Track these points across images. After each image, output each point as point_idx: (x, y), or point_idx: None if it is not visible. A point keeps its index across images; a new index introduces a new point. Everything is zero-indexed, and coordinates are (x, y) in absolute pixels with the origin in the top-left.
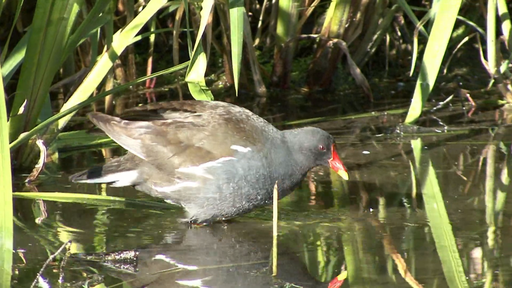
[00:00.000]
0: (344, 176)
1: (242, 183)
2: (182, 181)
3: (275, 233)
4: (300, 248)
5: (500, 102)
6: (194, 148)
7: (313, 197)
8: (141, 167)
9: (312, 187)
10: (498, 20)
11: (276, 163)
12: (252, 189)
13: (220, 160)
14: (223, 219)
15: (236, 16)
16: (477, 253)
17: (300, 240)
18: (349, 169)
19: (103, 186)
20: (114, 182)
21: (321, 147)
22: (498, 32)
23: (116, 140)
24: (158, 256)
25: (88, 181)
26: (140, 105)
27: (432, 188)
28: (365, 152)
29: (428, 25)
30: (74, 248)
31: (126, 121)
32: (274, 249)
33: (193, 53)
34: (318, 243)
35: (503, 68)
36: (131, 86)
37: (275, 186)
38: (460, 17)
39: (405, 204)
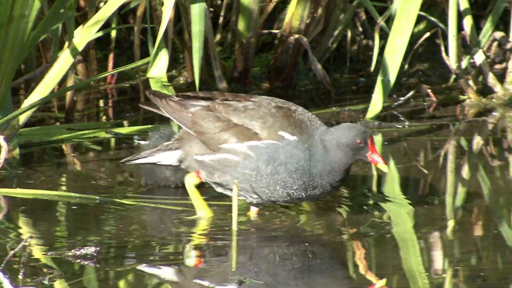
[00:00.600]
0: (384, 169)
1: (280, 168)
2: (223, 153)
3: (234, 228)
4: (261, 244)
5: (461, 97)
6: (242, 127)
7: None
8: (186, 142)
9: None
10: (460, 16)
11: (315, 159)
12: (289, 177)
13: (265, 141)
14: (254, 202)
15: (197, 11)
16: (438, 248)
17: (261, 236)
18: None
19: (62, 182)
20: (161, 161)
21: (359, 141)
22: (460, 28)
23: (170, 115)
24: (119, 252)
25: (137, 161)
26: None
27: (393, 183)
28: None
29: (390, 20)
30: (34, 244)
31: (181, 98)
32: (234, 244)
33: (154, 49)
34: (279, 238)
35: (464, 63)
36: (92, 82)
37: (235, 181)
38: (422, 13)
39: (366, 199)
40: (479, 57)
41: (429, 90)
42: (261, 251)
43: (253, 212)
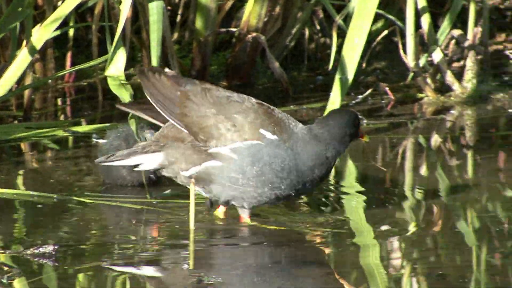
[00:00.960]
0: (367, 139)
1: (266, 169)
2: (206, 162)
3: (192, 227)
4: (219, 242)
5: (419, 95)
6: (224, 118)
7: None
8: (166, 149)
9: None
10: (417, 14)
11: (304, 157)
12: (276, 177)
13: (247, 142)
14: (245, 206)
15: (155, 10)
16: (395, 246)
17: (220, 234)
18: None
19: (20, 181)
20: (139, 164)
21: (357, 123)
22: (417, 26)
23: (151, 97)
24: (77, 250)
25: (114, 163)
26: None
27: (350, 181)
28: None
29: (347, 18)
30: None
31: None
32: (191, 243)
33: (112, 47)
34: (237, 237)
35: (422, 61)
36: (50, 81)
37: (192, 180)
38: (379, 11)
39: (324, 197)
40: (437, 55)
41: (387, 88)
42: (220, 249)
43: (220, 212)
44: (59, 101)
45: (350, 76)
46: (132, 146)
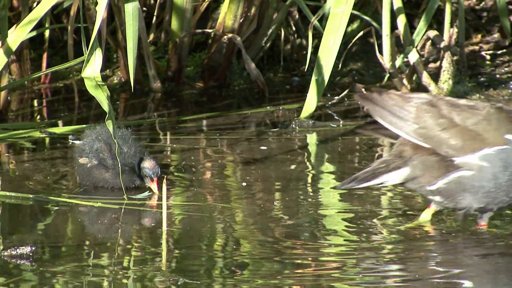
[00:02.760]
0: None
1: None
2: (455, 172)
3: (164, 228)
4: (193, 243)
5: None
6: (466, 129)
7: (207, 190)
8: (411, 164)
9: (207, 180)
10: (393, 15)
11: None
12: None
13: (494, 148)
14: (494, 209)
15: (130, 11)
16: (371, 248)
17: (193, 234)
18: (244, 164)
19: None
20: (384, 182)
21: None
22: (393, 27)
23: (382, 119)
24: (54, 251)
25: (360, 185)
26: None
27: (327, 182)
28: (262, 147)
29: (323, 19)
30: None
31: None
32: (164, 243)
33: (88, 48)
34: (213, 237)
35: (398, 62)
36: (26, 82)
37: (164, 181)
38: (355, 12)
39: (301, 199)
40: (413, 56)
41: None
42: (193, 251)
43: (430, 211)
44: (36, 102)
45: (326, 77)
46: (114, 149)
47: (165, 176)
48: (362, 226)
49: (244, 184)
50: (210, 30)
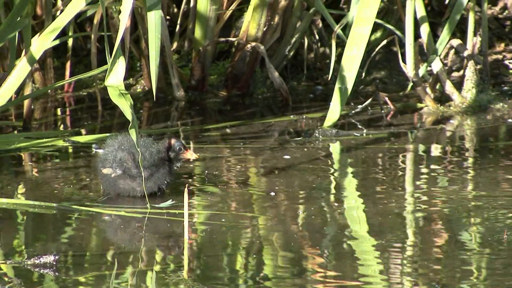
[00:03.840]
0: None
1: None
2: None
3: (186, 236)
4: (216, 251)
5: (419, 105)
6: None
7: (230, 199)
8: None
9: (231, 189)
10: (417, 23)
11: None
12: None
13: None
14: None
15: (154, 20)
16: (396, 256)
17: (216, 243)
18: (268, 173)
19: (20, 191)
20: None
21: None
22: (417, 35)
23: None
24: (78, 260)
25: None
26: None
27: (351, 191)
28: (285, 156)
29: (346, 28)
30: None
31: None
32: (185, 252)
33: (112, 57)
34: (235, 246)
35: (421, 71)
36: (49, 90)
37: (186, 188)
38: (378, 20)
39: (324, 208)
40: (436, 65)
41: (386, 98)
42: (216, 260)
43: None
44: (59, 111)
45: (350, 85)
46: (137, 158)
47: (187, 185)
48: (389, 237)
49: (272, 193)
50: (233, 39)
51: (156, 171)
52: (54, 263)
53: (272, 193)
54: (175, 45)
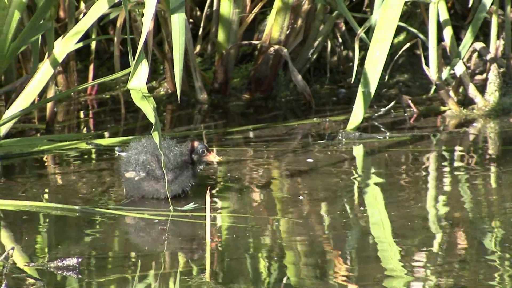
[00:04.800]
0: None
1: None
2: None
3: (208, 239)
4: (239, 254)
5: (442, 108)
6: None
7: (254, 202)
8: None
9: (253, 192)
10: (440, 26)
11: None
12: None
13: None
14: None
15: (177, 23)
16: (419, 259)
17: (239, 246)
18: (291, 175)
19: (43, 194)
20: None
21: None
22: (440, 39)
23: None
24: (101, 263)
25: None
26: None
27: (374, 194)
28: (309, 160)
29: (369, 31)
30: (16, 255)
31: None
32: (208, 255)
33: (134, 60)
34: (258, 249)
35: (444, 74)
36: (72, 93)
37: (208, 191)
38: (402, 24)
39: (347, 210)
40: (459, 68)
41: (409, 101)
42: (239, 263)
43: None
44: (82, 114)
45: (373, 89)
46: (161, 160)
47: (209, 187)
48: (412, 240)
49: (300, 197)
50: (256, 42)
51: (180, 173)
52: (77, 265)
53: (301, 197)
54: (198, 48)
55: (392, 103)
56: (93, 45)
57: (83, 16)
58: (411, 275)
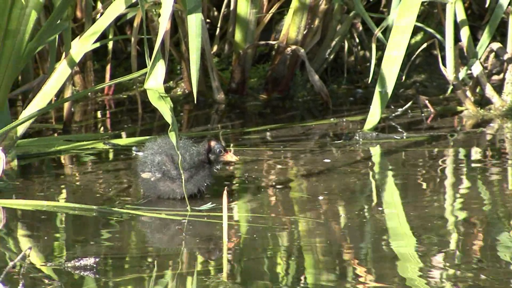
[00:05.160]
0: None
1: None
2: None
3: (225, 239)
4: (256, 254)
5: (459, 108)
6: None
7: (271, 202)
8: None
9: (270, 192)
10: (457, 27)
11: None
12: None
13: None
14: None
15: (194, 23)
16: (437, 260)
17: (257, 246)
18: (308, 175)
19: (61, 194)
20: None
21: None
22: (457, 39)
23: None
24: (118, 263)
25: None
26: None
27: (391, 194)
28: (326, 160)
29: (387, 31)
30: (33, 255)
31: None
32: (225, 255)
33: (151, 60)
34: (276, 249)
35: (461, 74)
36: (89, 93)
37: (225, 191)
38: (419, 24)
39: (364, 210)
40: (476, 68)
41: (426, 101)
42: (256, 263)
43: None
44: (99, 114)
45: (390, 89)
46: (177, 160)
47: (226, 187)
48: (429, 240)
49: (320, 197)
50: (273, 42)
51: (196, 173)
52: (94, 265)
53: (320, 197)
54: (215, 48)
55: (409, 103)
56: (110, 45)
57: (100, 16)
58: (429, 275)
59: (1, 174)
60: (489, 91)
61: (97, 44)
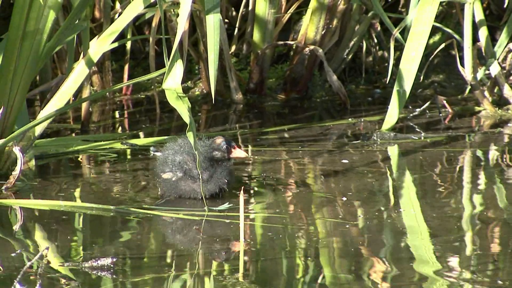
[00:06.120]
0: None
1: None
2: None
3: (242, 239)
4: (274, 255)
5: (477, 108)
6: None
7: (289, 202)
8: None
9: (289, 191)
10: (475, 27)
11: None
12: None
13: None
14: None
15: (212, 23)
16: (454, 260)
17: (274, 246)
18: (326, 175)
19: (78, 194)
20: None
21: None
22: (475, 39)
23: None
24: (136, 263)
25: None
26: None
27: (409, 195)
28: (344, 160)
29: (405, 31)
30: (51, 255)
31: None
32: (241, 255)
33: (169, 60)
34: (293, 249)
35: (480, 75)
36: (107, 93)
37: (241, 191)
38: (437, 24)
39: (382, 211)
40: (494, 68)
41: (444, 102)
42: (274, 263)
43: None
44: (117, 114)
45: (408, 89)
46: (196, 160)
47: (242, 187)
48: (447, 240)
49: (344, 198)
50: (292, 42)
51: (215, 171)
52: (112, 265)
53: (338, 197)
54: (233, 48)
55: (427, 104)
56: (129, 45)
57: (118, 16)
58: (447, 276)
59: (19, 174)
60: (507, 91)
61: (115, 44)
